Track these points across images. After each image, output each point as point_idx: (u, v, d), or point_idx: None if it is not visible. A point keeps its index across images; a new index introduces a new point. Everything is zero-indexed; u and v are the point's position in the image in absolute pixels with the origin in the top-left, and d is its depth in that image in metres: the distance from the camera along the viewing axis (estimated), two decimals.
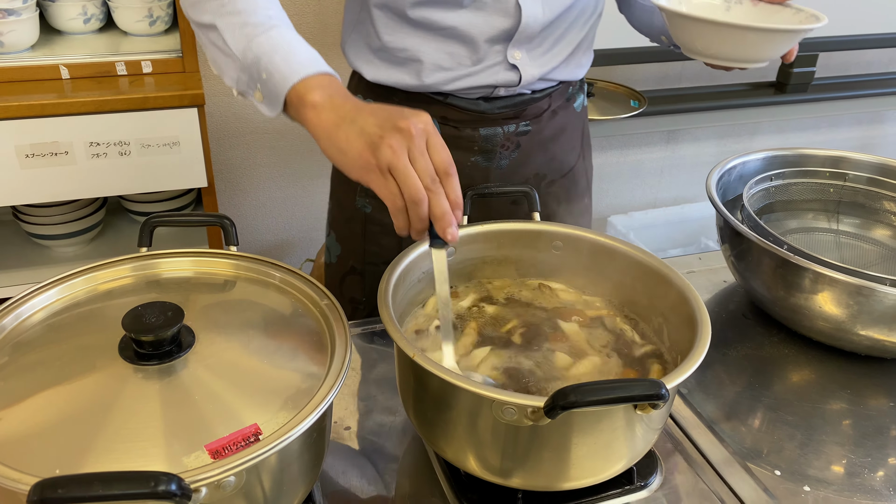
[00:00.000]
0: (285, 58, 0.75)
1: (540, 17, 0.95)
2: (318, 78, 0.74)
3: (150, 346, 0.62)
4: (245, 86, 0.79)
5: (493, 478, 0.69)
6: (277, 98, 0.75)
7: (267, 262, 0.76)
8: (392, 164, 0.66)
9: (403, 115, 0.69)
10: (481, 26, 0.95)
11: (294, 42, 0.78)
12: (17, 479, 0.51)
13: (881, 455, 0.83)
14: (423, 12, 0.94)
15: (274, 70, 0.75)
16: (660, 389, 0.58)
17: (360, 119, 0.69)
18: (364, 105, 0.71)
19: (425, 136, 0.68)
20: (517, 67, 0.99)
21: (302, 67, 0.75)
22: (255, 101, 0.79)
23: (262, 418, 0.59)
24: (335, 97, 0.73)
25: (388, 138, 0.67)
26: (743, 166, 1.09)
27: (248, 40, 0.77)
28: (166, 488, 0.49)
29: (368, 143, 0.68)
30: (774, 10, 0.97)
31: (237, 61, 0.78)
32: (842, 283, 0.87)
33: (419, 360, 0.64)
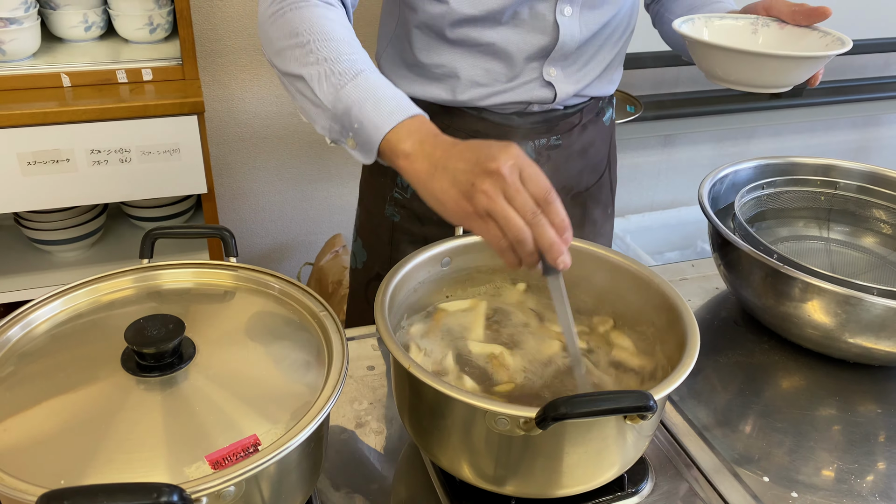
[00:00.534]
0: (375, 106, 0.75)
1: (577, 36, 0.97)
2: (408, 124, 0.75)
3: (151, 359, 0.64)
4: (338, 135, 0.79)
5: (487, 485, 0.71)
6: (371, 147, 0.76)
7: (266, 273, 0.77)
8: (489, 209, 0.67)
9: (492, 155, 0.68)
10: (518, 43, 0.97)
11: (380, 87, 0.77)
12: (23, 489, 0.53)
13: (869, 461, 0.85)
14: (463, 31, 0.96)
15: (365, 120, 0.75)
16: (648, 401, 0.60)
17: (450, 165, 0.70)
18: (453, 147, 0.71)
19: (517, 170, 0.67)
20: (552, 84, 1.01)
21: (392, 115, 0.75)
22: (349, 149, 0.79)
23: (261, 429, 0.60)
24: (425, 143, 0.73)
25: (481, 184, 0.67)
26: (735, 175, 1.11)
27: (337, 90, 0.77)
28: (168, 499, 0.50)
29: (463, 191, 0.68)
30: (802, 34, 0.97)
31: (327, 111, 0.78)
32: (830, 292, 0.89)
33: (414, 371, 0.66)
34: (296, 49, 0.80)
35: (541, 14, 0.96)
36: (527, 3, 0.94)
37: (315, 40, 0.80)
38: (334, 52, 0.79)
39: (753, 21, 0.99)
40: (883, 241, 1.13)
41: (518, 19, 0.95)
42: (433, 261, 0.85)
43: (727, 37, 0.97)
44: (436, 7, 0.96)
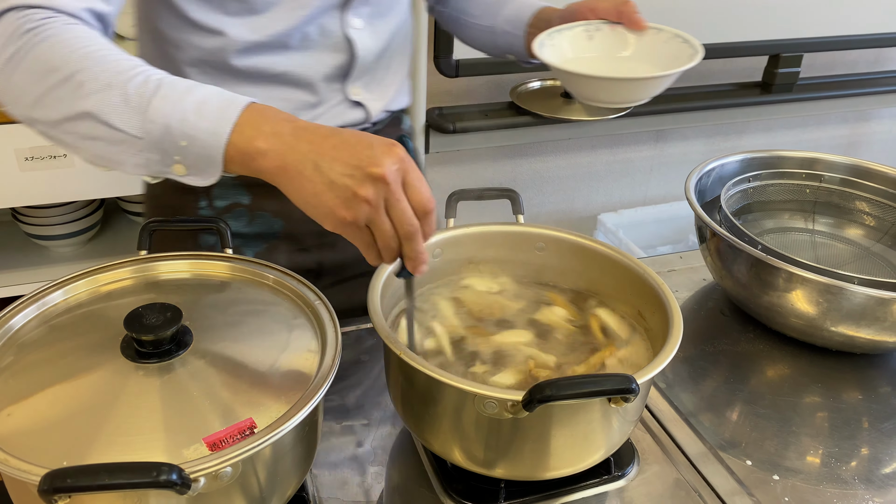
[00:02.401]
0: (198, 111, 0.64)
1: (372, 48, 0.92)
2: (248, 117, 0.64)
3: (150, 346, 0.66)
4: (159, 165, 0.66)
5: (478, 468, 0.73)
6: (213, 161, 0.64)
7: (261, 263, 0.79)
8: (370, 219, 0.62)
9: (375, 158, 0.61)
10: (314, 66, 0.89)
11: (192, 89, 0.66)
12: (27, 470, 0.55)
13: (850, 446, 0.87)
14: (251, 60, 0.86)
15: (194, 131, 0.63)
16: (630, 384, 0.62)
17: (323, 163, 0.62)
18: (324, 140, 0.63)
19: (401, 176, 0.62)
20: (361, 104, 0.96)
21: (224, 113, 0.64)
22: (177, 177, 0.67)
23: (256, 413, 0.62)
24: (283, 134, 0.64)
25: (363, 190, 0.61)
26: (721, 168, 1.13)
27: (142, 113, 0.64)
28: (167, 478, 0.52)
29: (342, 199, 0.61)
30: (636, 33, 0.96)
31: (137, 142, 0.65)
32: (812, 281, 0.91)
33: (405, 358, 0.68)
34: (62, 86, 0.65)
35: (330, 31, 0.88)
36: (314, 22, 0.86)
37: (85, 68, 0.65)
38: (116, 72, 0.65)
39: (586, 27, 0.96)
40: (866, 233, 1.15)
41: (308, 40, 0.87)
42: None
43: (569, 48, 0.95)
44: (210, 40, 0.85)
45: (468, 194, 0.91)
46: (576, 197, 2.37)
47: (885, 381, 0.98)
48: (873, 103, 2.42)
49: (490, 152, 2.14)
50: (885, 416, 0.91)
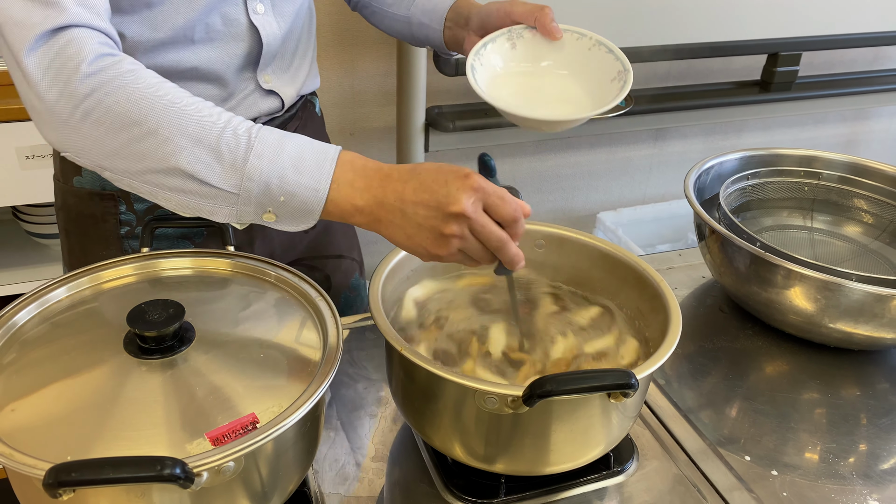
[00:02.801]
0: (297, 168, 0.66)
1: (277, 32, 0.90)
2: (341, 171, 0.67)
3: (153, 342, 0.66)
4: (251, 216, 0.68)
5: (478, 464, 0.73)
6: (310, 213, 0.67)
7: (263, 260, 0.79)
8: (462, 248, 0.67)
9: (451, 196, 0.65)
10: (222, 58, 0.87)
11: (284, 141, 0.67)
12: (32, 464, 0.55)
13: (848, 442, 0.88)
14: (157, 59, 0.83)
15: (294, 189, 0.65)
16: (630, 379, 0.63)
17: (409, 211, 0.66)
18: (403, 185, 0.67)
19: (480, 205, 0.66)
20: (275, 92, 0.94)
21: (321, 169, 0.66)
22: (265, 223, 0.68)
23: (258, 408, 0.63)
24: (372, 188, 0.67)
25: (447, 229, 0.65)
26: (720, 166, 1.13)
27: (238, 170, 0.65)
28: (171, 472, 0.53)
29: (430, 238, 0.66)
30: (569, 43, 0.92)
31: (231, 197, 0.66)
32: (811, 278, 0.91)
33: (406, 354, 0.68)
34: (145, 140, 0.65)
35: (234, 19, 0.86)
36: (216, 11, 0.84)
37: (169, 122, 0.65)
38: (202, 126, 0.65)
39: (508, 35, 0.92)
40: (865, 231, 1.16)
41: (213, 31, 0.85)
42: None
43: (499, 60, 0.91)
44: None
45: None
46: (575, 195, 2.38)
47: (883, 377, 0.98)
48: (872, 102, 2.42)
49: (490, 151, 2.14)
50: (882, 412, 0.92)
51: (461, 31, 0.98)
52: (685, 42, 2.01)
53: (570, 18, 0.96)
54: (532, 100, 0.91)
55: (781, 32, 2.10)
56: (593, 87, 0.90)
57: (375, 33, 1.87)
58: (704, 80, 2.23)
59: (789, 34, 2.11)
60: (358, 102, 1.92)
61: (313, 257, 1.11)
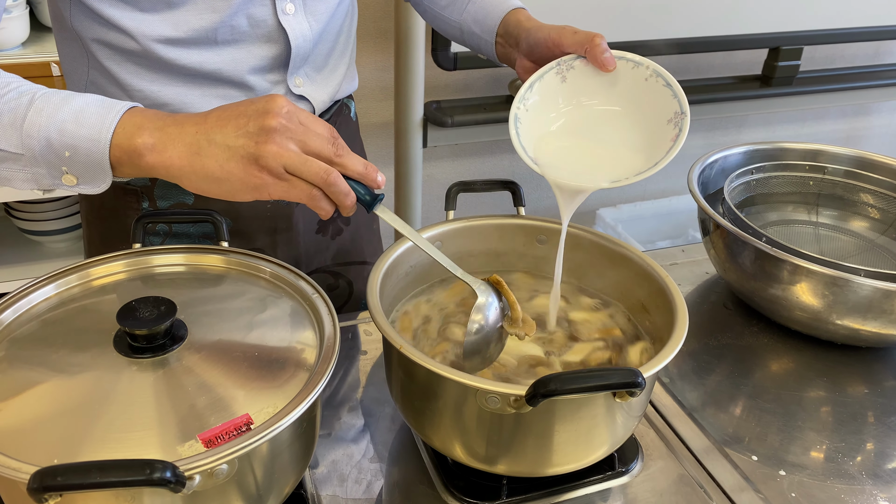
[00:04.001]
0: (76, 118, 0.62)
1: (308, 34, 0.85)
2: (129, 119, 0.63)
3: (143, 340, 0.64)
4: (48, 178, 0.64)
5: (479, 465, 0.71)
6: (99, 166, 0.63)
7: (257, 256, 0.77)
8: (286, 164, 0.61)
9: (261, 108, 0.61)
10: (249, 60, 0.84)
11: (67, 99, 0.64)
12: (16, 468, 0.53)
13: (856, 441, 0.86)
14: (178, 59, 0.81)
15: (75, 140, 0.62)
16: (636, 378, 0.61)
17: (216, 138, 0.61)
18: (205, 119, 0.63)
19: (295, 115, 0.61)
20: (305, 98, 0.90)
21: (103, 118, 0.63)
22: (70, 188, 0.65)
23: (253, 408, 0.61)
24: (167, 127, 0.63)
25: (265, 143, 0.60)
26: (724, 160, 1.11)
27: (18, 129, 0.62)
28: (161, 476, 0.51)
29: (246, 158, 0.61)
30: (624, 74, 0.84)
31: (20, 159, 0.63)
32: (818, 274, 0.90)
33: (405, 352, 0.66)
34: None
35: (261, 20, 0.82)
36: (242, 12, 0.80)
37: None
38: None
39: (558, 68, 0.86)
40: (871, 225, 1.14)
41: (238, 33, 0.81)
42: None
43: (545, 97, 0.85)
44: (129, 41, 0.80)
45: (470, 186, 0.90)
46: None
47: (891, 374, 0.96)
48: (873, 97, 2.41)
49: (488, 146, 2.12)
50: (891, 411, 0.90)
51: (512, 51, 0.93)
52: (686, 36, 1.99)
53: (572, 14, 0.93)
54: (581, 155, 0.84)
55: (783, 27, 2.09)
56: (649, 128, 0.83)
57: (373, 28, 1.85)
58: (705, 75, 2.21)
59: (791, 29, 2.10)
60: (356, 97, 1.90)
61: (338, 264, 1.08)
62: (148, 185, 0.90)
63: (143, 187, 0.91)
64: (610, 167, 0.81)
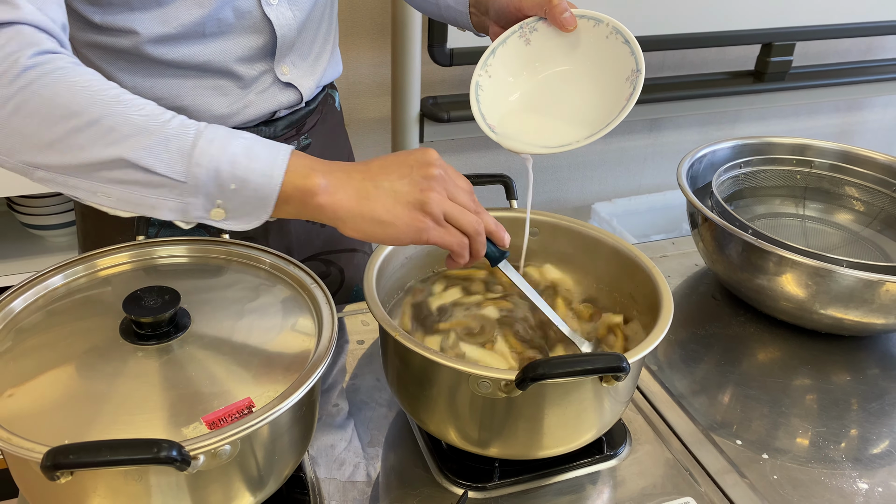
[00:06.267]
0: (248, 154, 0.63)
1: (292, 23, 0.88)
2: (295, 160, 0.64)
3: (149, 328, 0.67)
4: (198, 211, 0.64)
5: (472, 448, 0.74)
6: (263, 202, 0.63)
7: (258, 248, 0.80)
8: (447, 212, 0.66)
9: (421, 160, 0.66)
10: (236, 51, 0.86)
11: (232, 133, 0.64)
12: (30, 447, 0.55)
13: (838, 426, 0.89)
14: (168, 53, 0.83)
15: (246, 174, 0.62)
16: (621, 363, 0.63)
17: (383, 184, 0.65)
18: (367, 166, 0.66)
19: (447, 168, 0.67)
20: (292, 84, 0.93)
21: (273, 156, 0.63)
22: (212, 222, 0.65)
23: (254, 393, 0.63)
24: (334, 171, 0.65)
25: (428, 191, 0.64)
26: (713, 155, 1.14)
27: (186, 156, 0.62)
28: (168, 454, 0.53)
29: (413, 204, 0.64)
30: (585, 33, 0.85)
31: (179, 186, 0.62)
32: (802, 265, 0.92)
33: (400, 339, 0.69)
34: (86, 130, 0.61)
35: (246, 12, 0.84)
36: (228, 5, 0.82)
37: (113, 112, 0.62)
38: (148, 116, 0.62)
39: (520, 31, 0.86)
40: (856, 218, 1.17)
41: (225, 25, 0.83)
42: None
43: (509, 62, 0.86)
44: (122, 40, 0.82)
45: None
46: (570, 186, 2.39)
47: (874, 362, 0.99)
48: (865, 92, 2.43)
49: (484, 141, 2.14)
50: (873, 397, 0.93)
51: (484, 19, 0.95)
52: (679, 32, 2.02)
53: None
54: (539, 121, 0.85)
55: (775, 22, 2.11)
56: (609, 87, 0.83)
57: (370, 23, 1.87)
58: (699, 71, 2.23)
59: (783, 24, 2.12)
60: (352, 93, 1.92)
61: (329, 252, 1.11)
62: None
63: None
64: (564, 131, 0.82)
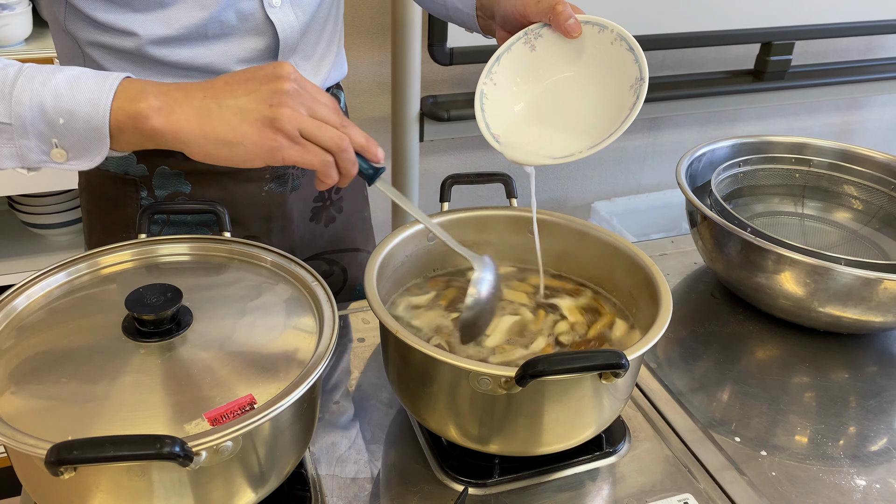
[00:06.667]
0: (72, 83, 0.60)
1: (295, 25, 0.87)
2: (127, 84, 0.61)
3: (151, 325, 0.67)
4: (35, 153, 0.61)
5: (472, 445, 0.74)
6: (97, 134, 0.60)
7: (259, 246, 0.80)
8: (302, 129, 0.61)
9: (272, 73, 0.61)
10: (237, 53, 0.85)
11: (58, 69, 0.61)
12: (34, 444, 0.56)
13: (836, 423, 0.89)
14: (170, 55, 0.83)
15: (72, 105, 0.59)
16: (620, 359, 0.64)
17: (226, 101, 0.61)
18: (212, 85, 0.62)
19: (304, 82, 0.62)
20: None
21: (100, 83, 0.60)
22: (58, 164, 0.62)
23: (256, 389, 0.64)
24: (170, 92, 0.61)
25: (280, 106, 0.60)
26: (712, 153, 1.14)
27: (6, 97, 0.59)
28: (171, 450, 0.54)
29: (261, 120, 0.60)
30: (590, 40, 0.84)
31: (6, 129, 0.60)
32: (801, 263, 0.93)
33: (401, 336, 0.69)
34: None
35: (249, 14, 0.83)
36: (230, 7, 0.82)
37: None
38: None
39: (525, 38, 0.86)
40: (855, 217, 1.17)
41: (227, 27, 0.83)
42: (419, 236, 0.89)
43: (514, 69, 0.86)
44: (123, 40, 0.82)
45: (463, 178, 0.92)
46: (569, 185, 2.39)
47: (872, 360, 1.00)
48: (864, 91, 2.43)
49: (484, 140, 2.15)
50: (871, 395, 0.93)
51: (491, 23, 0.95)
52: (679, 31, 2.02)
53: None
54: (543, 130, 0.85)
55: (775, 21, 2.11)
56: (614, 95, 0.82)
57: (370, 23, 1.88)
58: (698, 70, 2.24)
59: (783, 23, 2.12)
60: (353, 92, 1.93)
61: (332, 251, 1.11)
62: (146, 175, 0.93)
63: (142, 177, 0.93)
64: (568, 141, 0.82)
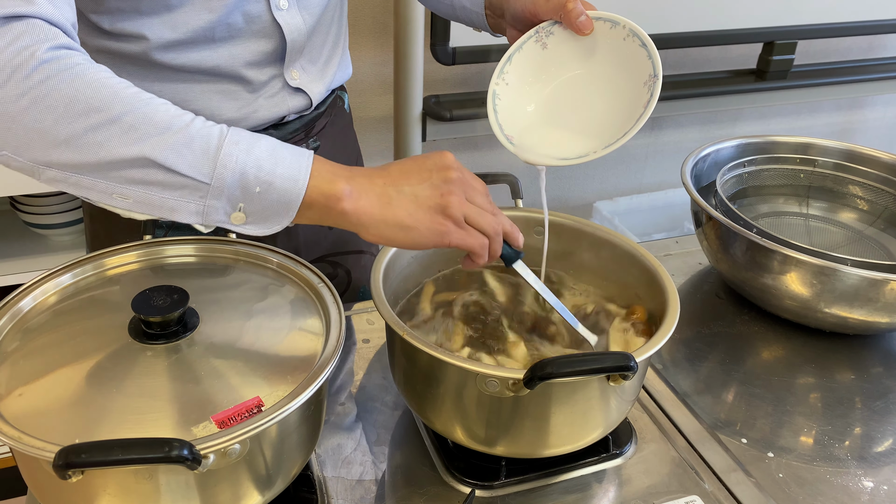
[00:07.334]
0: (272, 156, 0.62)
1: (302, 27, 0.88)
2: (318, 165, 0.64)
3: (157, 327, 0.67)
4: (218, 214, 0.63)
5: (479, 447, 0.74)
6: (287, 207, 0.63)
7: (265, 247, 0.80)
8: (467, 215, 0.67)
9: (439, 163, 0.67)
10: (245, 56, 0.86)
11: (255, 136, 0.63)
12: (41, 447, 0.56)
13: (842, 424, 0.89)
14: (177, 58, 0.83)
15: (273, 177, 0.62)
16: (629, 362, 0.64)
17: (404, 189, 0.66)
18: (386, 171, 0.67)
19: (464, 171, 0.68)
20: (302, 90, 0.92)
21: (297, 160, 0.63)
22: (232, 225, 0.64)
23: (263, 392, 0.64)
24: (354, 177, 0.65)
25: (449, 195, 0.66)
26: (716, 153, 1.14)
27: (210, 157, 0.61)
28: (179, 453, 0.53)
29: (434, 208, 0.66)
30: (602, 36, 0.83)
31: (202, 188, 0.61)
32: (807, 264, 0.92)
33: (407, 338, 0.69)
34: (106, 128, 0.59)
35: (256, 16, 0.84)
36: (237, 10, 0.82)
37: (134, 109, 0.60)
38: (168, 114, 0.61)
39: (536, 36, 0.85)
40: (860, 217, 1.17)
41: (234, 30, 0.83)
42: None
43: (527, 68, 0.85)
44: (131, 45, 0.82)
45: None
46: (571, 184, 2.39)
47: (878, 361, 0.99)
48: (867, 90, 2.43)
49: (487, 140, 2.15)
50: (877, 396, 0.93)
51: (502, 21, 0.94)
52: (681, 31, 2.02)
53: None
54: (559, 126, 0.84)
55: (777, 21, 2.11)
56: (628, 92, 0.81)
57: (372, 22, 1.88)
58: (701, 69, 2.23)
59: (785, 23, 2.12)
60: (355, 92, 1.92)
61: (336, 253, 1.11)
62: None
63: None
64: (582, 142, 0.81)
